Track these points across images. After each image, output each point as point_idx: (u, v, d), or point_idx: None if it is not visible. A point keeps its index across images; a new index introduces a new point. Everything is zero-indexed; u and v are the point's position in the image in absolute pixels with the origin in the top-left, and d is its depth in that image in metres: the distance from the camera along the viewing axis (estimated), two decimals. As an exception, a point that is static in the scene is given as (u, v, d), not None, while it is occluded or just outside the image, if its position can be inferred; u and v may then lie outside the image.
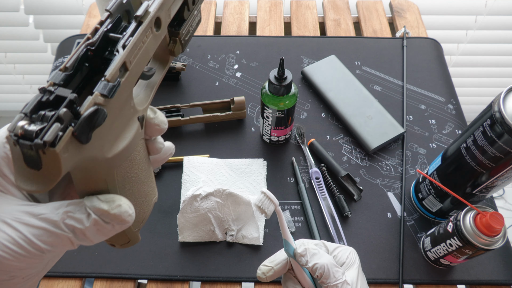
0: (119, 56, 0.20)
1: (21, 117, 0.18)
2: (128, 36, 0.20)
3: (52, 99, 0.18)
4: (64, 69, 0.19)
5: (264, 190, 0.37)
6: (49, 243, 0.20)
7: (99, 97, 0.19)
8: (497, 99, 0.41)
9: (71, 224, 0.21)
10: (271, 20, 0.87)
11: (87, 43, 0.20)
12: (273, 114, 0.58)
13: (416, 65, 0.77)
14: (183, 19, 0.25)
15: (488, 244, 0.44)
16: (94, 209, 0.21)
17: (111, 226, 0.22)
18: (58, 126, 0.17)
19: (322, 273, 0.36)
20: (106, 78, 0.19)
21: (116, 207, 0.21)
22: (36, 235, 0.20)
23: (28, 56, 1.31)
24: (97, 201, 0.21)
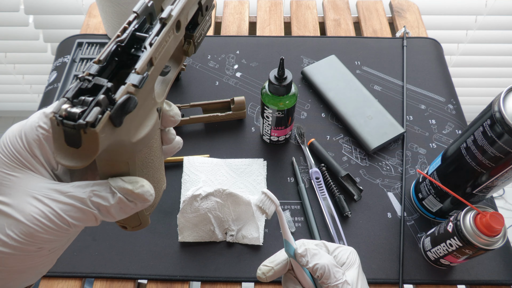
0: (147, 52, 0.23)
1: (64, 101, 0.20)
2: (154, 35, 0.23)
3: (91, 87, 0.21)
4: (98, 62, 0.22)
5: (265, 190, 0.37)
6: (76, 218, 0.23)
7: (131, 87, 0.22)
8: (497, 99, 0.41)
9: (97, 202, 0.23)
10: (271, 20, 0.87)
11: (117, 39, 0.23)
12: (273, 114, 0.58)
13: (416, 65, 0.77)
14: (197, 23, 0.28)
15: (488, 244, 0.44)
16: (119, 189, 0.24)
17: (133, 204, 0.24)
18: (98, 109, 0.20)
19: (323, 273, 0.36)
20: (136, 70, 0.22)
21: (139, 187, 0.24)
22: (65, 210, 0.22)
23: (28, 56, 1.31)
24: (121, 182, 0.24)
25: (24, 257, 0.23)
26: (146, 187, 0.25)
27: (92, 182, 0.24)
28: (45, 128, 0.24)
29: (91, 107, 0.20)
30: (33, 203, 0.22)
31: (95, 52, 0.77)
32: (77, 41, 0.78)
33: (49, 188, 0.23)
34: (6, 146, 0.24)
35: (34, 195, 0.23)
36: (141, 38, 0.23)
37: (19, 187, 0.23)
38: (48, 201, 0.22)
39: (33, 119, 0.24)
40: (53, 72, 0.77)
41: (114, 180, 0.24)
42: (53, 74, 0.77)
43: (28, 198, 0.23)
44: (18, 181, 0.23)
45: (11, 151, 0.24)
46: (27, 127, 0.24)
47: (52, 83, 0.75)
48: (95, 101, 0.20)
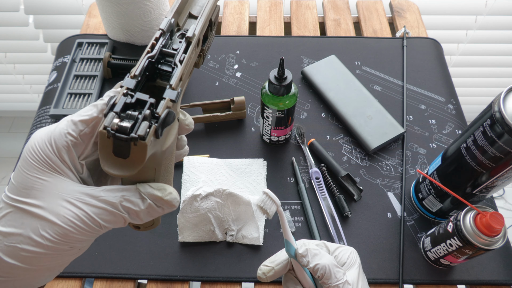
0: (178, 69, 0.25)
1: (113, 115, 0.22)
2: (181, 52, 0.25)
3: (134, 101, 0.23)
4: (133, 77, 0.24)
5: (266, 190, 0.37)
6: (107, 220, 0.25)
7: (169, 102, 0.24)
8: (497, 99, 0.41)
9: (127, 206, 0.25)
10: (271, 20, 0.87)
11: (148, 55, 0.25)
12: (273, 114, 0.58)
13: (416, 65, 0.77)
14: (206, 37, 0.31)
15: (488, 244, 0.44)
16: (149, 195, 0.26)
17: (161, 209, 0.26)
18: (147, 123, 0.22)
19: (324, 273, 0.36)
20: (172, 86, 0.24)
21: (168, 194, 0.26)
22: (97, 214, 0.24)
23: (28, 56, 1.31)
24: (150, 189, 0.26)
25: (56, 256, 0.25)
26: (173, 194, 0.27)
27: (121, 187, 0.26)
28: (74, 135, 0.26)
29: (140, 121, 0.22)
30: (67, 206, 0.24)
31: (95, 52, 0.77)
32: (77, 41, 0.78)
33: (80, 192, 0.25)
34: (35, 151, 0.25)
35: (67, 199, 0.24)
36: (167, 54, 0.25)
37: (50, 190, 0.24)
38: (81, 205, 0.24)
39: (61, 126, 0.26)
40: (53, 72, 0.77)
41: (143, 187, 0.26)
42: (53, 74, 0.77)
43: (61, 201, 0.24)
44: (49, 185, 0.25)
45: (41, 156, 0.25)
46: (56, 134, 0.26)
47: (52, 83, 0.75)
48: (142, 116, 0.22)
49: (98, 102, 0.27)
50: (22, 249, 0.24)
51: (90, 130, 0.26)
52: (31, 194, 0.24)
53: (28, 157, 0.25)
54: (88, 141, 0.27)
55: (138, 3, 0.71)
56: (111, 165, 0.23)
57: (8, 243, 0.24)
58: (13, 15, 1.14)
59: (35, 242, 0.23)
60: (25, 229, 0.24)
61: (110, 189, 0.25)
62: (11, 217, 0.24)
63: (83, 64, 0.75)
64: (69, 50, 0.78)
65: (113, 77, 0.74)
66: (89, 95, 0.71)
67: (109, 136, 0.22)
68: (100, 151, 0.23)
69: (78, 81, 0.73)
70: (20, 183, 0.25)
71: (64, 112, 0.68)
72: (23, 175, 0.25)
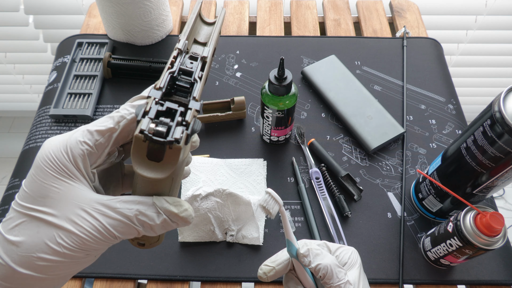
0: (199, 83, 0.27)
1: (148, 120, 0.23)
2: (199, 70, 0.28)
3: (165, 109, 0.25)
4: (159, 88, 0.26)
5: (269, 190, 0.37)
6: (122, 232, 0.25)
7: (195, 112, 0.25)
8: (497, 99, 0.41)
9: (143, 220, 0.25)
10: (271, 20, 0.87)
11: (170, 71, 0.27)
12: (273, 114, 0.58)
13: (416, 65, 0.77)
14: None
15: (488, 244, 0.44)
16: (164, 210, 0.26)
17: (175, 224, 0.27)
18: (181, 129, 0.24)
19: (325, 273, 0.36)
20: (196, 98, 0.26)
21: (184, 211, 0.27)
22: (113, 225, 0.25)
23: (28, 56, 1.31)
24: (166, 204, 0.26)
25: (72, 263, 0.25)
26: (189, 211, 0.27)
27: (137, 199, 0.26)
28: (90, 144, 0.26)
29: (174, 126, 0.24)
30: (83, 215, 0.24)
31: (95, 52, 0.77)
32: (77, 41, 0.78)
33: (97, 201, 0.25)
34: (50, 159, 0.25)
35: (84, 208, 0.25)
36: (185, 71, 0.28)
37: (66, 199, 0.25)
38: (98, 215, 0.25)
39: (77, 135, 0.26)
40: (53, 72, 0.77)
41: (159, 201, 0.26)
42: (53, 74, 0.77)
43: (78, 210, 0.24)
44: (65, 193, 0.25)
45: (57, 164, 0.25)
46: (72, 142, 0.26)
47: (52, 83, 0.75)
48: (175, 122, 0.24)
49: (114, 114, 0.27)
50: (38, 258, 0.24)
51: (105, 141, 0.27)
52: (47, 202, 0.24)
53: (43, 165, 0.25)
54: (102, 151, 0.27)
55: (138, 3, 0.71)
56: (144, 168, 0.24)
57: (22, 253, 0.24)
58: (13, 15, 1.14)
59: (52, 250, 0.24)
60: (41, 237, 0.24)
61: (127, 201, 0.26)
62: (25, 226, 0.24)
63: (83, 64, 0.75)
64: (69, 50, 0.78)
65: (113, 77, 0.74)
66: (89, 95, 0.71)
67: (145, 140, 0.23)
68: (134, 154, 0.24)
69: (78, 81, 0.73)
70: (34, 191, 0.25)
71: (64, 112, 0.68)
72: (38, 183, 0.25)
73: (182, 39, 0.29)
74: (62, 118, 0.69)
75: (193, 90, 0.27)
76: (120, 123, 0.27)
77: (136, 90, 0.73)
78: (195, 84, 0.27)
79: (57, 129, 0.68)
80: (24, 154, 0.67)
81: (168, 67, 0.27)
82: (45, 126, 0.69)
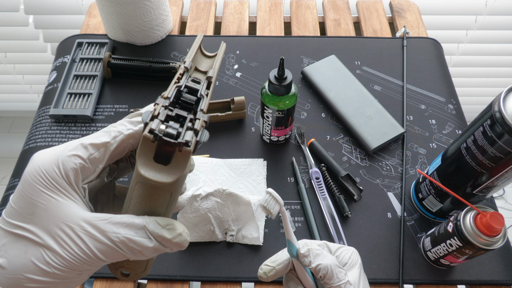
0: (206, 99, 0.27)
1: (158, 122, 0.23)
2: (205, 88, 0.28)
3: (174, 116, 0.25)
4: (166, 98, 0.26)
5: (270, 190, 0.37)
6: (108, 256, 0.24)
7: (203, 122, 0.25)
8: (497, 99, 0.41)
9: (131, 246, 0.24)
10: (271, 20, 0.87)
11: (177, 85, 0.27)
12: (273, 114, 0.58)
13: (416, 65, 0.77)
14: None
15: (488, 244, 0.44)
16: (156, 236, 0.25)
17: (169, 249, 0.26)
18: (192, 133, 0.23)
19: (326, 273, 0.36)
20: (203, 111, 0.26)
21: (177, 236, 0.25)
22: (99, 249, 0.24)
23: (28, 56, 1.31)
24: (158, 228, 0.25)
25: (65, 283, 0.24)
26: (183, 235, 0.25)
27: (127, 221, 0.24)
28: (83, 158, 0.25)
29: (184, 130, 0.23)
30: (71, 236, 0.23)
31: (95, 52, 0.77)
32: (77, 41, 0.78)
33: (86, 221, 0.24)
34: (40, 174, 0.24)
35: (72, 227, 0.23)
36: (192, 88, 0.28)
37: (54, 217, 0.23)
38: (85, 237, 0.23)
39: (69, 149, 0.25)
40: (53, 72, 0.77)
41: (151, 223, 0.25)
42: (53, 74, 0.77)
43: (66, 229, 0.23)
44: (52, 211, 0.23)
45: (47, 180, 0.24)
46: (64, 156, 0.25)
47: (52, 83, 0.75)
48: (185, 126, 0.24)
49: (110, 128, 0.26)
50: (27, 279, 0.22)
51: (100, 155, 0.26)
52: (34, 219, 0.23)
53: (31, 180, 0.24)
54: (95, 166, 0.26)
55: (138, 3, 0.71)
56: (150, 171, 0.23)
57: (9, 275, 0.22)
58: (13, 15, 1.14)
59: (41, 271, 0.23)
60: (29, 257, 0.22)
61: (116, 223, 0.24)
62: (12, 245, 0.23)
63: (83, 64, 0.75)
64: (69, 50, 0.78)
65: (113, 77, 0.74)
66: (89, 95, 0.71)
67: (154, 140, 0.22)
68: (140, 156, 0.23)
69: (78, 81, 0.73)
70: (22, 208, 0.23)
71: (64, 112, 0.68)
72: (26, 199, 0.24)
73: (188, 60, 0.30)
74: (62, 118, 0.69)
75: (201, 103, 0.27)
76: (117, 138, 0.26)
77: (136, 90, 0.73)
78: (202, 99, 0.27)
79: (57, 129, 0.68)
80: (24, 154, 0.67)
81: (175, 81, 0.27)
82: (45, 126, 0.69)
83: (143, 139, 0.23)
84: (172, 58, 0.78)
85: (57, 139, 0.67)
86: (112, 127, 0.27)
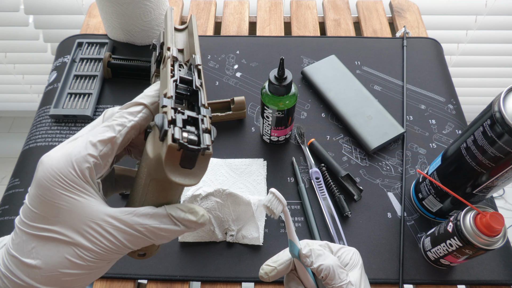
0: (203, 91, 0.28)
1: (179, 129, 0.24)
2: (197, 78, 0.29)
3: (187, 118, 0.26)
4: (170, 97, 0.26)
5: (273, 190, 0.37)
6: (137, 244, 0.26)
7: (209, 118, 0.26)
8: (497, 99, 0.41)
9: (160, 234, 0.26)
10: (271, 20, 0.87)
11: (174, 79, 0.28)
12: (273, 114, 0.58)
13: (416, 65, 0.77)
14: None
15: (488, 244, 0.44)
16: (182, 220, 0.26)
17: (193, 229, 0.27)
18: (209, 136, 0.25)
19: (328, 274, 0.36)
20: (205, 106, 0.27)
21: (201, 217, 0.27)
22: (129, 240, 0.26)
23: (28, 56, 1.31)
24: (182, 213, 0.27)
25: (96, 272, 0.26)
26: (205, 216, 0.27)
27: (150, 212, 0.26)
28: (95, 156, 0.26)
29: (202, 134, 0.25)
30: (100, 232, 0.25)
31: (95, 52, 0.77)
32: (77, 41, 0.78)
33: (111, 216, 0.25)
34: (57, 178, 0.25)
35: (99, 224, 0.25)
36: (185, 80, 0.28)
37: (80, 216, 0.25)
38: (114, 232, 0.25)
39: (80, 149, 0.26)
40: (53, 72, 0.77)
41: (174, 211, 0.27)
42: (53, 74, 0.77)
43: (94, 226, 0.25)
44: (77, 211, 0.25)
45: (65, 182, 0.25)
46: (77, 157, 0.25)
47: (52, 83, 0.75)
48: (201, 129, 0.25)
49: (111, 122, 0.27)
50: (63, 274, 0.24)
51: (108, 150, 0.27)
52: (60, 221, 0.24)
53: (49, 185, 0.24)
54: (106, 160, 0.27)
55: (138, 3, 0.71)
56: (179, 176, 0.24)
57: (45, 274, 0.24)
58: (13, 15, 1.14)
59: (75, 265, 0.24)
60: (62, 255, 0.24)
61: (141, 215, 0.26)
62: (43, 247, 0.24)
63: (83, 64, 0.75)
64: (69, 50, 0.78)
65: (113, 77, 0.74)
66: (89, 95, 0.71)
67: (180, 149, 0.24)
68: (167, 164, 0.24)
69: (78, 81, 0.73)
70: (46, 212, 0.25)
71: (64, 112, 0.68)
72: (48, 203, 0.24)
73: (172, 47, 0.30)
74: (62, 118, 0.69)
75: (200, 98, 0.27)
76: (121, 131, 0.27)
77: (136, 90, 0.73)
78: (199, 92, 0.28)
79: (57, 129, 0.68)
80: (24, 154, 0.67)
81: (170, 75, 0.28)
82: (45, 126, 0.69)
83: (169, 149, 0.24)
84: (172, 58, 0.78)
85: (57, 139, 0.67)
86: (112, 120, 0.27)
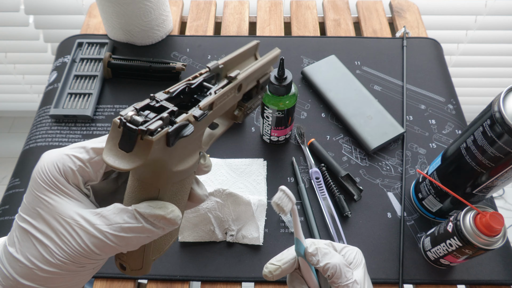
0: (211, 96, 0.26)
1: (132, 109, 0.23)
2: (219, 87, 0.27)
3: (157, 107, 0.24)
4: (167, 93, 0.25)
5: (283, 188, 0.36)
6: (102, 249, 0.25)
7: (191, 117, 0.24)
8: (497, 99, 0.41)
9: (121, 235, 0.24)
10: (271, 20, 0.87)
11: (188, 82, 0.26)
12: (273, 114, 0.58)
13: (416, 65, 0.77)
14: (250, 97, 0.33)
15: (488, 244, 0.44)
16: (149, 216, 0.25)
17: (161, 229, 0.25)
18: (160, 123, 0.22)
19: (334, 272, 0.36)
20: (200, 107, 0.25)
21: (170, 212, 0.25)
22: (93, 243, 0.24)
23: (28, 56, 1.31)
24: (149, 208, 0.25)
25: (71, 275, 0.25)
26: (176, 211, 0.25)
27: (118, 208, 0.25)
28: (82, 160, 0.26)
29: (154, 119, 0.22)
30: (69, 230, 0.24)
31: (95, 52, 0.77)
32: (77, 41, 0.78)
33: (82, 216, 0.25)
34: (44, 172, 0.26)
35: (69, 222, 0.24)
36: (207, 87, 0.27)
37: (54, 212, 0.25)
38: (80, 232, 0.24)
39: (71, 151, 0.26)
40: (53, 72, 0.77)
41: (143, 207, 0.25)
42: (53, 74, 0.77)
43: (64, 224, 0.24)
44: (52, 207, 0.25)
45: (48, 177, 0.25)
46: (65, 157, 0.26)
47: (52, 83, 0.75)
48: (158, 116, 0.23)
49: None
50: (38, 268, 0.24)
51: (100, 159, 0.27)
52: (39, 215, 0.25)
53: (37, 178, 0.26)
54: (97, 169, 0.27)
55: (138, 3, 0.71)
56: (111, 157, 0.23)
57: (23, 265, 0.24)
58: (13, 15, 1.14)
59: (47, 262, 0.24)
60: (37, 249, 0.24)
61: (107, 215, 0.25)
62: (23, 238, 0.25)
63: (83, 64, 0.75)
64: (69, 50, 0.78)
65: (113, 77, 0.74)
66: (89, 95, 0.71)
67: (120, 126, 0.22)
68: (107, 141, 0.23)
69: (78, 81, 0.73)
70: (30, 203, 0.25)
71: (64, 112, 0.68)
72: (32, 195, 0.25)
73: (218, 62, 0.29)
74: (62, 118, 0.69)
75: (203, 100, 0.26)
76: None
77: (136, 90, 0.73)
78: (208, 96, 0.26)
79: (57, 129, 0.68)
80: (24, 154, 0.67)
81: (189, 79, 0.27)
82: (45, 126, 0.69)
83: (112, 124, 0.23)
84: (172, 58, 0.78)
85: (57, 139, 0.67)
86: None
